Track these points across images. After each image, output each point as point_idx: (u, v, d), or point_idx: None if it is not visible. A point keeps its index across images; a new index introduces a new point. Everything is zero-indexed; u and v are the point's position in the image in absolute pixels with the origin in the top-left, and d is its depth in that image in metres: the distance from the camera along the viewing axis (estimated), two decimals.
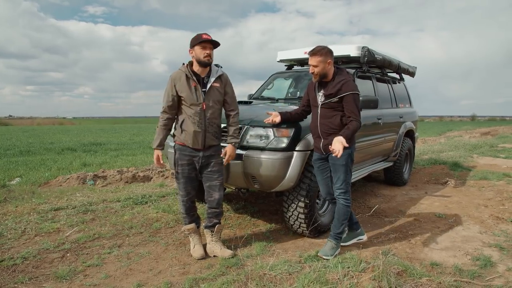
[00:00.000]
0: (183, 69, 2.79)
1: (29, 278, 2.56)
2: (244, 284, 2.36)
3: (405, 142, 5.52)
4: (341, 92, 2.74)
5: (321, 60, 2.76)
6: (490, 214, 4.15)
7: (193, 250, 2.98)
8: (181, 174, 2.90)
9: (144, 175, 6.13)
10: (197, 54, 2.70)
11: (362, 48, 4.24)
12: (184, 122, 2.81)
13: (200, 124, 2.78)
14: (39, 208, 4.18)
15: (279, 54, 5.08)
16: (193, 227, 3.04)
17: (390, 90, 5.33)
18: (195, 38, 2.71)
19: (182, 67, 2.82)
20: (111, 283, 2.51)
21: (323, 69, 2.78)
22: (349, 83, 2.77)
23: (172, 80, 2.79)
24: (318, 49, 2.79)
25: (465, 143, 12.15)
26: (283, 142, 3.06)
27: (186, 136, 2.80)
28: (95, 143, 12.88)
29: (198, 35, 2.72)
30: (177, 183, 2.96)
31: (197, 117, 2.77)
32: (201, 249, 2.96)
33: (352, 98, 2.74)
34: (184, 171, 2.89)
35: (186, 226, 3.05)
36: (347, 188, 2.91)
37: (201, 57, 2.70)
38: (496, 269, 2.75)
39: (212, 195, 2.96)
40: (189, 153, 2.85)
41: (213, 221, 3.03)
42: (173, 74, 2.82)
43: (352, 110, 2.74)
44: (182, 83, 2.75)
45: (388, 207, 4.48)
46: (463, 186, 5.66)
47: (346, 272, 2.43)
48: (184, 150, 2.86)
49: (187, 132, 2.80)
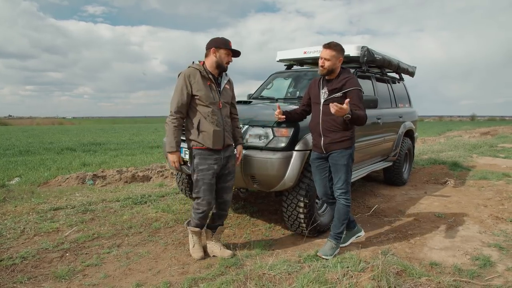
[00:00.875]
0: (197, 67, 2.69)
1: (28, 277, 2.56)
2: (243, 284, 2.36)
3: (404, 142, 5.52)
4: (345, 87, 2.76)
5: (334, 55, 2.77)
6: (490, 214, 4.15)
7: (193, 249, 2.95)
8: (202, 181, 2.71)
9: (144, 175, 6.13)
10: (221, 57, 2.69)
11: (361, 48, 4.24)
12: (200, 123, 2.68)
13: (219, 123, 2.72)
14: (38, 208, 4.18)
15: (279, 54, 5.08)
16: (199, 231, 2.95)
17: (389, 90, 5.33)
18: (224, 42, 2.69)
19: (196, 65, 2.71)
20: (110, 283, 2.51)
21: (333, 65, 2.79)
22: (353, 80, 2.80)
23: (186, 78, 2.63)
24: (334, 43, 2.81)
25: (464, 143, 12.16)
26: (283, 141, 3.06)
27: (205, 137, 2.67)
28: (94, 143, 12.87)
29: (226, 40, 2.70)
30: (196, 192, 2.75)
31: (215, 116, 2.70)
32: (200, 250, 2.94)
33: (355, 93, 2.76)
34: (205, 177, 2.71)
35: (193, 228, 2.91)
36: (348, 188, 2.91)
37: (224, 62, 2.70)
38: (496, 268, 2.75)
39: (223, 197, 2.91)
40: (210, 156, 2.71)
41: (216, 222, 3.00)
42: (185, 71, 2.67)
43: (357, 104, 2.74)
44: (198, 81, 2.64)
45: (387, 207, 4.47)
46: (463, 186, 5.66)
47: (346, 272, 2.42)
48: (204, 154, 2.70)
49: (206, 133, 2.67)
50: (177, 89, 2.66)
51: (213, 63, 2.70)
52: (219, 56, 2.68)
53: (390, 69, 5.36)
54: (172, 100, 2.67)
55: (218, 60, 2.69)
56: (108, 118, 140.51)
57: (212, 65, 2.71)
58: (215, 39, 2.72)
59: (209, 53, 2.71)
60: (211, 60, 2.70)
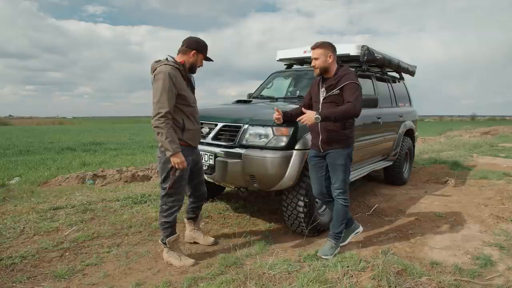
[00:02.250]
0: (177, 66, 2.62)
1: (27, 277, 2.56)
2: (243, 283, 2.35)
3: (405, 141, 5.51)
4: (341, 83, 2.73)
5: (322, 53, 2.76)
6: (490, 213, 4.14)
7: (182, 262, 2.77)
8: (183, 177, 2.71)
9: (144, 174, 6.13)
10: (198, 62, 2.74)
11: (361, 47, 4.23)
12: (185, 122, 2.69)
13: (198, 121, 2.84)
14: (38, 208, 4.17)
15: (279, 53, 5.07)
16: (177, 238, 2.84)
17: (390, 89, 5.32)
18: (206, 49, 2.76)
19: (173, 63, 2.62)
20: (110, 282, 2.51)
21: (323, 62, 2.77)
22: (349, 75, 2.76)
23: (171, 77, 2.53)
24: (320, 42, 2.82)
25: (465, 143, 12.14)
26: (283, 141, 3.05)
27: (189, 135, 2.72)
28: (94, 142, 12.88)
29: (207, 46, 2.77)
30: (174, 188, 2.69)
31: (196, 115, 2.81)
32: (188, 258, 2.84)
33: (350, 87, 2.70)
34: (184, 173, 2.70)
35: (172, 237, 2.79)
36: (346, 188, 2.90)
37: (197, 66, 2.77)
38: (496, 268, 2.74)
39: (200, 190, 3.07)
40: (190, 153, 2.75)
41: (197, 212, 3.15)
42: (168, 70, 2.54)
43: (349, 98, 2.66)
44: (180, 81, 2.62)
45: (388, 206, 4.47)
46: (463, 185, 5.64)
47: (346, 271, 2.42)
48: (187, 150, 2.70)
49: (191, 131, 2.72)
50: (164, 89, 2.50)
51: (188, 64, 2.71)
52: (196, 60, 2.73)
53: (390, 68, 5.35)
54: (161, 101, 2.50)
55: (193, 62, 2.72)
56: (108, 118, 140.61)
57: (187, 65, 2.71)
58: (198, 41, 2.72)
59: (189, 53, 2.69)
60: (188, 61, 2.70)
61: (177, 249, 2.85)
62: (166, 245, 2.80)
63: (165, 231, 2.78)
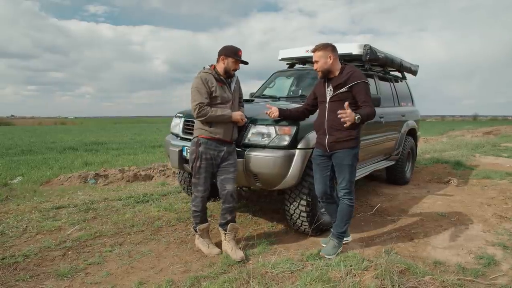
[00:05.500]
0: (210, 72, 2.93)
1: (30, 276, 2.56)
2: (246, 282, 2.35)
3: (407, 140, 5.50)
4: (350, 81, 2.72)
5: (321, 55, 2.76)
6: (493, 213, 4.12)
7: (209, 250, 2.98)
8: (204, 169, 2.92)
9: (146, 174, 6.13)
10: (229, 65, 2.92)
11: (364, 46, 4.22)
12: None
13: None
14: (40, 207, 4.18)
15: (281, 52, 5.06)
16: (207, 226, 3.07)
17: (392, 88, 5.30)
18: (233, 52, 2.91)
19: (208, 70, 2.96)
20: (112, 281, 2.51)
21: (324, 64, 2.77)
22: (357, 73, 2.76)
23: (203, 80, 2.86)
24: (318, 45, 2.82)
25: (467, 142, 12.11)
26: (285, 140, 3.04)
27: (218, 128, 2.88)
28: (96, 142, 12.90)
29: (235, 49, 2.92)
30: (196, 178, 2.95)
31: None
32: (216, 247, 3.01)
33: (362, 87, 2.72)
34: (208, 165, 2.92)
35: (201, 225, 3.03)
36: (352, 188, 2.88)
37: (231, 69, 2.94)
38: (500, 267, 2.73)
39: (225, 188, 2.97)
40: (215, 147, 2.91)
41: (227, 218, 3.01)
42: (201, 74, 2.91)
43: (365, 99, 2.71)
44: (213, 83, 2.89)
45: (390, 206, 4.46)
46: (466, 185, 5.63)
47: (349, 271, 2.41)
48: (211, 144, 2.90)
49: (218, 125, 2.89)
50: (193, 88, 2.86)
51: (222, 69, 2.95)
52: (227, 64, 2.92)
53: (392, 68, 5.33)
54: (193, 97, 2.84)
55: (226, 67, 2.94)
56: (109, 118, 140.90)
57: (222, 70, 2.96)
58: (226, 48, 2.94)
59: (219, 59, 2.95)
60: (221, 66, 2.95)
61: (207, 237, 3.08)
62: (197, 232, 3.06)
63: (195, 219, 3.05)
